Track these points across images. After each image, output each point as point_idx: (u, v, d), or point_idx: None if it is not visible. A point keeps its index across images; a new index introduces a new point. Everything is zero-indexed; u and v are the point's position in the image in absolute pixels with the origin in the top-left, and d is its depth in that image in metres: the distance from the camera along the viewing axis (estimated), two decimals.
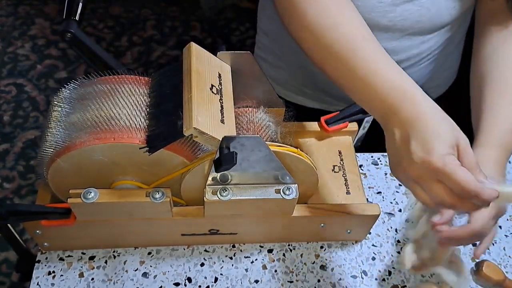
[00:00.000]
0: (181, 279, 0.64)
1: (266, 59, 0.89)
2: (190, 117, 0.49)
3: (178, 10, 2.30)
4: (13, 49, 2.06)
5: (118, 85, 0.57)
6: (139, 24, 2.22)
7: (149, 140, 0.53)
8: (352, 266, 0.67)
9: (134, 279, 0.63)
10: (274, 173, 0.56)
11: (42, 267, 0.63)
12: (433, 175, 0.46)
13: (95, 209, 0.55)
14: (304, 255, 0.67)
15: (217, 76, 0.57)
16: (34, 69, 1.99)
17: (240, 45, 2.16)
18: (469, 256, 0.69)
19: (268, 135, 0.63)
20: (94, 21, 2.20)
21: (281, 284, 0.64)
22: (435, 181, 0.46)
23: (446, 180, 0.46)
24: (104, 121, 0.53)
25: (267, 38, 0.86)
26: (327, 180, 0.69)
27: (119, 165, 0.55)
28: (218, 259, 0.66)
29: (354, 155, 0.73)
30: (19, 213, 0.54)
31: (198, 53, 0.56)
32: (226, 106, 0.55)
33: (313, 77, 0.84)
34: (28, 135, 1.78)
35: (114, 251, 0.65)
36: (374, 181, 0.76)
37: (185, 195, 0.60)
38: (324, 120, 0.72)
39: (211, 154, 0.54)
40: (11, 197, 1.61)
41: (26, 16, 2.20)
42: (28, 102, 1.88)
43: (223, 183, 0.57)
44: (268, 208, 0.59)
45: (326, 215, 0.62)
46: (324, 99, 0.88)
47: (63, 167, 0.54)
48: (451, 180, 0.45)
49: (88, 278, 0.63)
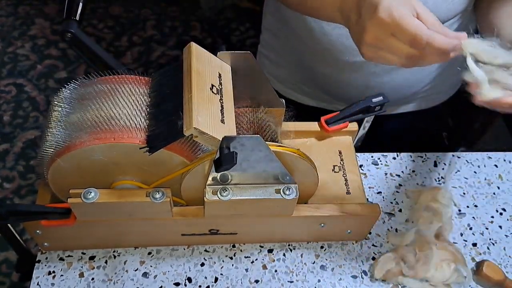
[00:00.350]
0: (181, 279, 0.64)
1: (268, 56, 0.89)
2: (190, 117, 0.49)
3: (178, 10, 2.30)
4: (13, 49, 2.06)
5: (118, 85, 0.57)
6: (139, 24, 2.22)
7: (149, 140, 0.53)
8: (352, 266, 0.67)
9: (134, 279, 0.63)
10: (274, 173, 0.56)
11: (42, 267, 0.63)
12: (387, 31, 0.46)
13: (95, 209, 0.55)
14: (304, 255, 0.67)
15: (217, 76, 0.57)
16: (34, 69, 1.99)
17: (240, 45, 2.16)
18: (469, 256, 0.69)
19: (268, 135, 0.63)
20: (94, 21, 2.20)
21: (281, 284, 0.64)
22: (390, 37, 0.47)
23: (398, 32, 0.45)
24: (104, 121, 0.53)
25: (269, 34, 0.86)
26: (327, 180, 0.69)
27: (119, 165, 0.55)
28: (218, 259, 0.66)
29: (354, 155, 0.73)
30: (19, 213, 0.54)
31: (198, 53, 0.56)
32: (226, 106, 0.55)
33: (312, 75, 0.84)
34: (28, 135, 1.78)
35: (114, 251, 0.65)
36: (374, 181, 0.76)
37: (185, 195, 0.60)
38: (324, 120, 0.72)
39: (211, 154, 0.54)
40: (11, 197, 1.61)
41: (26, 16, 2.20)
42: (28, 102, 1.88)
43: (223, 183, 0.57)
44: (268, 208, 0.59)
45: (326, 215, 0.62)
46: (323, 97, 0.88)
47: (63, 167, 0.54)
48: (401, 30, 0.45)
49: (88, 278, 0.63)
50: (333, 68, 0.81)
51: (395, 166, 0.78)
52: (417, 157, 0.80)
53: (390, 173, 0.77)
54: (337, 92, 0.86)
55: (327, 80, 0.83)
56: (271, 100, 0.65)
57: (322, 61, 0.81)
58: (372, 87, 0.82)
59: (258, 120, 0.64)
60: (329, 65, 0.81)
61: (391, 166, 0.78)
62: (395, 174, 0.77)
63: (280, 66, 0.87)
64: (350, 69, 0.81)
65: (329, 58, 0.80)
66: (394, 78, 0.81)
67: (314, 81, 0.85)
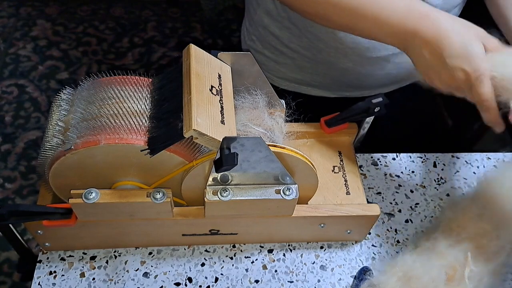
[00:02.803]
0: (182, 279, 0.64)
1: (262, 52, 0.87)
2: (190, 119, 0.49)
3: (178, 12, 2.31)
4: (14, 50, 2.06)
5: (120, 86, 0.57)
6: (140, 25, 2.23)
7: (150, 142, 0.53)
8: (352, 266, 0.67)
9: (135, 279, 0.63)
10: (274, 174, 0.56)
11: (44, 267, 0.64)
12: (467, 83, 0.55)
13: (96, 209, 0.56)
14: (304, 255, 0.68)
15: (217, 77, 0.57)
16: (36, 70, 2.00)
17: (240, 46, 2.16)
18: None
19: (268, 136, 0.63)
20: (96, 22, 2.20)
21: (281, 284, 0.65)
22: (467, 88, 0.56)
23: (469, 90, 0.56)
24: (105, 122, 0.53)
25: (273, 27, 0.84)
26: (327, 180, 0.70)
27: (120, 166, 0.56)
28: (219, 259, 0.66)
29: (354, 156, 0.73)
30: (20, 213, 0.54)
31: (197, 55, 0.56)
32: (226, 107, 0.55)
33: (327, 69, 0.83)
34: (30, 135, 1.78)
35: (115, 251, 0.66)
36: (374, 182, 0.77)
37: (186, 196, 0.60)
38: (324, 121, 0.72)
39: (211, 154, 0.54)
40: (13, 197, 1.61)
41: (28, 17, 2.21)
42: (29, 103, 1.88)
43: (223, 184, 0.57)
44: (268, 208, 0.59)
45: (326, 215, 0.62)
46: (330, 86, 0.87)
47: (64, 167, 0.54)
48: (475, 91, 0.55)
49: (89, 278, 0.63)
50: (354, 63, 0.81)
51: (394, 167, 0.79)
52: (416, 157, 0.80)
53: (390, 173, 0.78)
54: (353, 83, 0.85)
55: (345, 72, 0.83)
56: (271, 100, 0.66)
57: (343, 57, 0.80)
58: (395, 75, 0.84)
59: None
60: (350, 60, 0.80)
61: (390, 166, 0.79)
62: (394, 175, 0.77)
63: (280, 63, 0.86)
64: (374, 63, 0.80)
65: (352, 55, 0.79)
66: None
67: (328, 74, 0.84)
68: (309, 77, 0.86)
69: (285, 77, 0.88)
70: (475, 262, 0.57)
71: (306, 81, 0.87)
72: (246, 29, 0.92)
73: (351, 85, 0.87)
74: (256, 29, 0.87)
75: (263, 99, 0.63)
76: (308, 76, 0.86)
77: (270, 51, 0.86)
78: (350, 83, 0.86)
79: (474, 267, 0.56)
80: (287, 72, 0.87)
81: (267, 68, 0.89)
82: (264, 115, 0.63)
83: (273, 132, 0.63)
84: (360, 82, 0.85)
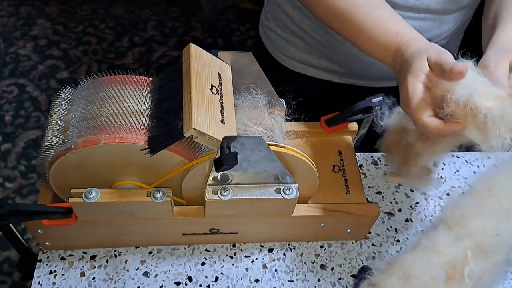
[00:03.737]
0: (182, 278, 0.64)
1: (274, 29, 0.90)
2: (190, 118, 0.49)
3: (178, 11, 2.31)
4: (14, 50, 2.06)
5: (120, 86, 0.57)
6: (140, 24, 2.23)
7: (150, 141, 0.53)
8: (352, 265, 0.67)
9: (135, 278, 0.64)
10: (275, 173, 0.56)
11: (44, 266, 0.64)
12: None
13: (96, 208, 0.56)
14: (304, 254, 0.68)
15: (217, 76, 0.57)
16: (36, 69, 2.00)
17: (240, 46, 2.16)
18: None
19: (268, 135, 0.63)
20: (96, 22, 2.20)
21: (281, 284, 0.65)
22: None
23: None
24: (105, 122, 0.53)
25: (284, 9, 0.87)
26: (327, 180, 0.70)
27: (120, 165, 0.56)
28: (219, 259, 0.66)
29: (354, 155, 0.73)
30: (20, 213, 0.54)
31: (197, 54, 0.56)
32: (226, 106, 0.55)
33: (332, 53, 0.85)
34: (30, 135, 1.78)
35: (115, 251, 0.66)
36: (374, 181, 0.77)
37: (186, 195, 0.60)
38: (324, 120, 0.72)
39: (212, 154, 0.54)
40: (13, 197, 1.61)
41: (28, 17, 2.21)
42: (29, 102, 1.88)
43: (223, 183, 0.57)
44: (268, 207, 0.59)
45: (326, 215, 0.62)
46: (334, 70, 0.88)
47: (64, 167, 0.54)
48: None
49: (89, 277, 0.63)
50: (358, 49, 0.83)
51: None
52: None
53: (390, 173, 0.78)
54: (358, 71, 0.87)
55: (350, 58, 0.84)
56: (271, 100, 0.66)
57: (350, 43, 0.83)
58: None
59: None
60: (354, 46, 0.83)
61: (390, 166, 0.79)
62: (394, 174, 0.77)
63: (290, 42, 0.88)
64: None
65: None
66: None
67: (334, 59, 0.86)
68: (317, 60, 0.88)
69: (293, 56, 0.90)
70: (475, 261, 0.57)
71: (314, 64, 0.89)
72: (264, 7, 0.96)
73: (355, 73, 0.88)
74: (272, 7, 0.90)
75: (263, 99, 0.63)
76: (316, 59, 0.88)
77: (282, 30, 0.89)
78: (354, 70, 0.87)
79: (474, 266, 0.56)
80: (296, 52, 0.89)
81: (277, 47, 0.92)
82: (264, 115, 0.63)
83: (273, 131, 0.63)
84: (364, 70, 0.87)
